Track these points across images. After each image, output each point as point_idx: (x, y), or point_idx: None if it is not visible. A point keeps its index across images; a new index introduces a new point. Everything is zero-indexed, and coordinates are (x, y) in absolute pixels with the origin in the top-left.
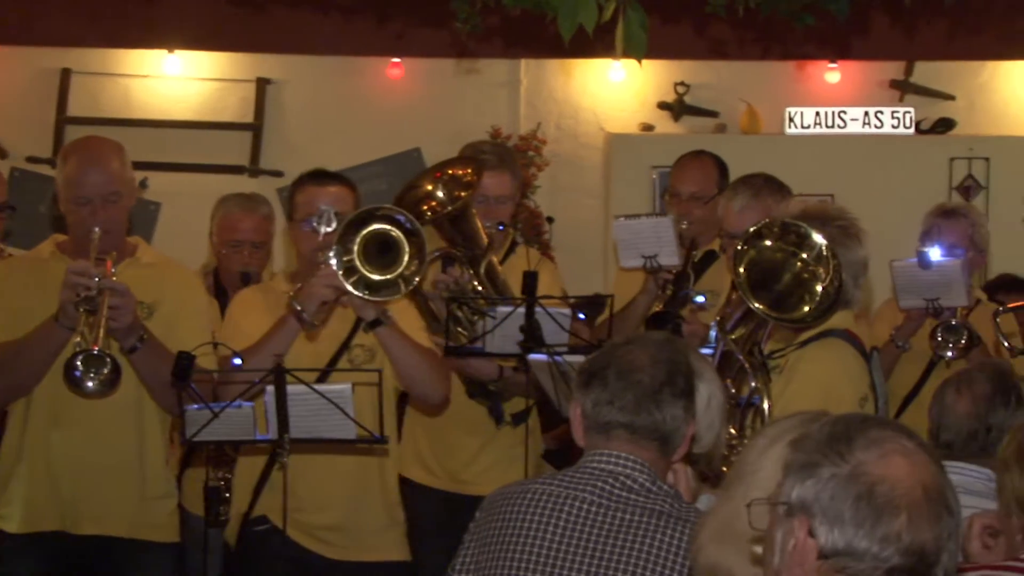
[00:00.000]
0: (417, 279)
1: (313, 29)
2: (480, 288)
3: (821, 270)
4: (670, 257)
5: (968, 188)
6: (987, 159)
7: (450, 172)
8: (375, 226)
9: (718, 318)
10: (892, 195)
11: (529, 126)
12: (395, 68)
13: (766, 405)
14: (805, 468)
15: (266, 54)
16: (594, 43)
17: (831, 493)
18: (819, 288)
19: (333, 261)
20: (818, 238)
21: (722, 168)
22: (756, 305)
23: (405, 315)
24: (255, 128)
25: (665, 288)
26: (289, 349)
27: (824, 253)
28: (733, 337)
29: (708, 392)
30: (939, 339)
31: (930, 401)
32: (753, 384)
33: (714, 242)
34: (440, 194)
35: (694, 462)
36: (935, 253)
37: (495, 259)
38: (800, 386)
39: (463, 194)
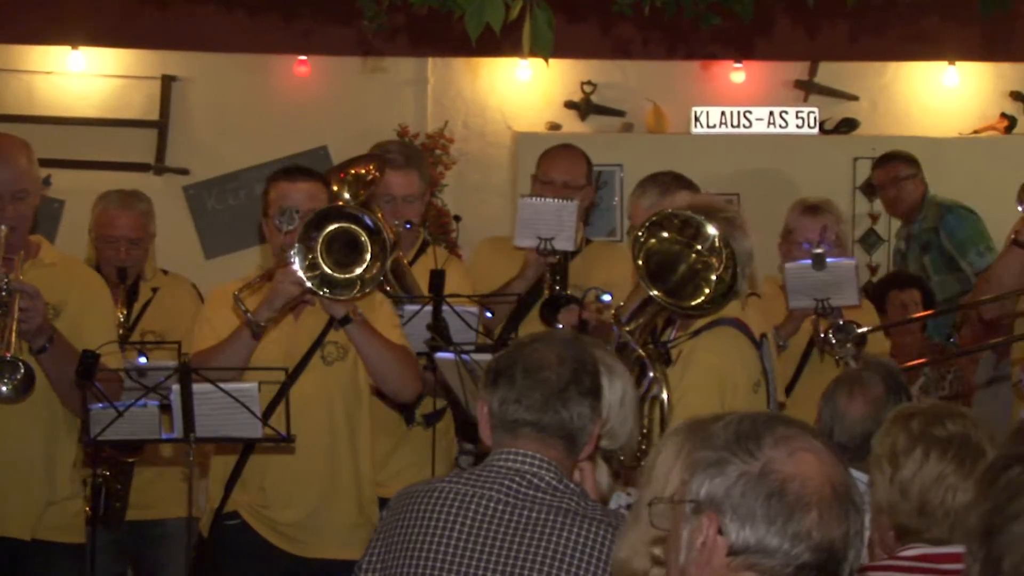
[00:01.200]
0: (377, 281)
1: (219, 26)
2: (387, 288)
3: (715, 260)
4: (566, 242)
5: (871, 188)
6: None
7: (353, 171)
8: (337, 224)
9: (613, 311)
10: (796, 194)
11: (436, 125)
12: (302, 66)
13: (664, 395)
14: (714, 465)
15: (172, 51)
16: (501, 42)
17: (742, 490)
18: (713, 278)
19: (296, 260)
20: (712, 230)
21: (589, 162)
22: (654, 292)
23: (378, 311)
24: (160, 125)
25: (553, 271)
26: (250, 353)
27: (717, 244)
28: (629, 329)
29: (622, 388)
30: (833, 341)
31: (819, 401)
32: (651, 375)
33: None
34: (345, 194)
35: (608, 459)
36: (822, 252)
37: (403, 258)
38: (696, 375)
39: (364, 193)
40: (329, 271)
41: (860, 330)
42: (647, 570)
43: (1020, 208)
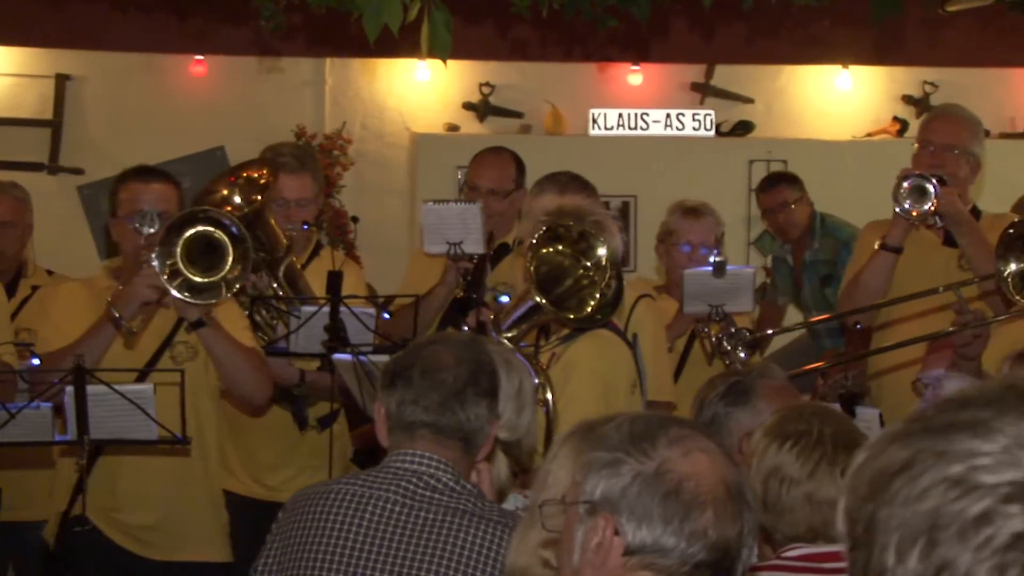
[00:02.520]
0: (240, 282)
1: (113, 25)
2: (280, 292)
3: (598, 278)
4: (475, 245)
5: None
6: (785, 161)
7: (245, 175)
8: (199, 228)
9: (492, 316)
10: (693, 196)
11: (334, 125)
12: (198, 65)
13: (550, 397)
14: (609, 466)
15: (66, 49)
16: (399, 43)
17: (638, 490)
18: (596, 295)
19: (155, 263)
20: (602, 250)
21: (520, 165)
22: (542, 300)
23: (228, 314)
24: (54, 125)
25: (466, 276)
26: (104, 355)
27: (604, 263)
28: (509, 336)
29: (519, 379)
30: (727, 346)
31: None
32: (536, 380)
33: (508, 236)
34: (236, 198)
35: (508, 452)
36: (718, 259)
37: (295, 261)
38: (581, 378)
39: (258, 197)
40: (190, 275)
41: (751, 336)
42: (526, 566)
43: (896, 209)
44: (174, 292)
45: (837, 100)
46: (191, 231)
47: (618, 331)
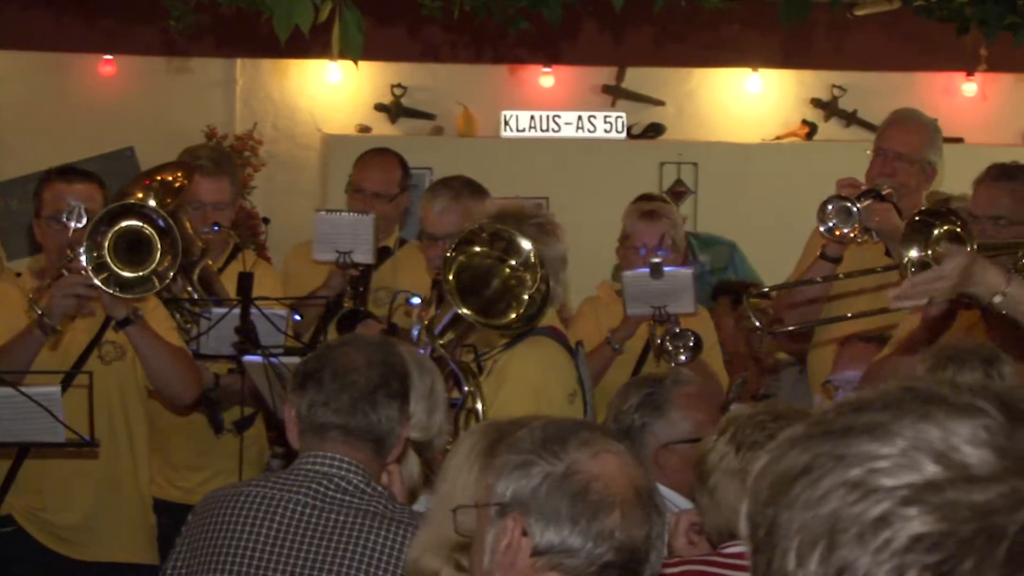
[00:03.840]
0: (171, 275)
1: (21, 24)
2: (195, 296)
3: (528, 276)
4: (365, 255)
5: (678, 192)
6: (695, 164)
7: (159, 178)
8: (126, 222)
9: (425, 322)
10: (605, 198)
11: (245, 126)
12: (107, 65)
13: (479, 406)
14: (520, 467)
15: None
16: (310, 44)
17: (547, 491)
18: (526, 296)
19: (83, 258)
20: (526, 245)
21: (405, 168)
22: (465, 311)
23: (155, 313)
24: None
25: (353, 284)
26: (34, 359)
27: (532, 260)
28: (443, 342)
29: (431, 380)
30: (669, 347)
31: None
32: (466, 388)
33: (390, 239)
34: (151, 201)
35: (419, 452)
36: (661, 261)
37: (211, 266)
38: (512, 387)
39: (172, 201)
40: (118, 270)
41: (695, 338)
42: (438, 570)
43: (821, 228)
44: (103, 287)
45: (747, 103)
46: (118, 226)
47: (559, 337)
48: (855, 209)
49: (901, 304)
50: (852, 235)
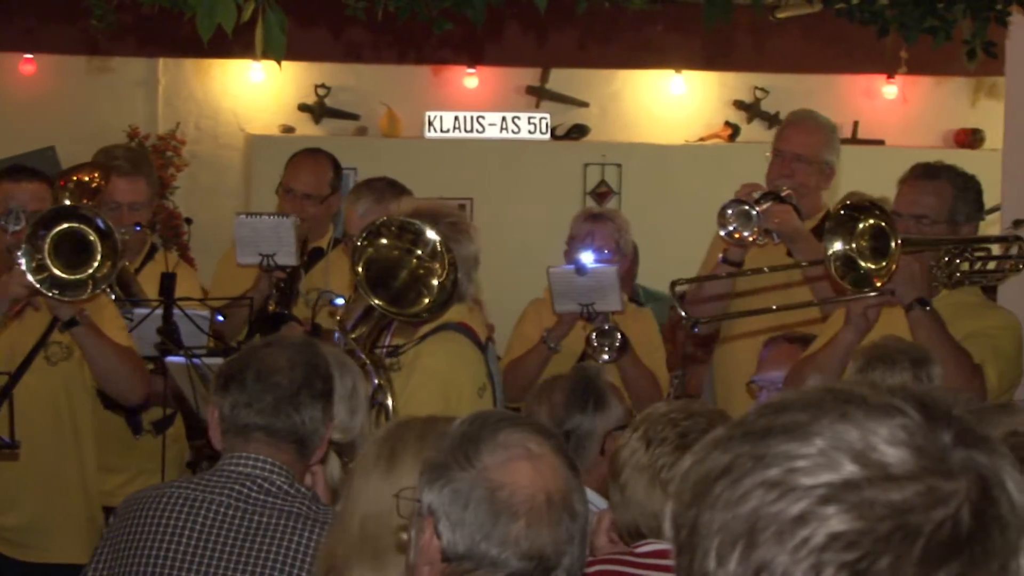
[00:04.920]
0: (109, 280)
1: None
2: (112, 297)
3: (436, 266)
4: (288, 257)
5: (602, 194)
6: (619, 165)
7: (76, 178)
8: (66, 224)
9: (338, 317)
10: (529, 199)
11: (168, 126)
12: (28, 64)
13: (390, 402)
14: (434, 470)
15: None
16: (233, 44)
17: (452, 497)
18: (435, 283)
19: (22, 260)
20: (432, 235)
21: (337, 168)
22: (375, 301)
23: (103, 313)
24: None
25: (278, 286)
26: None
27: (439, 249)
28: (354, 336)
29: (352, 381)
30: (595, 344)
31: None
32: (376, 382)
33: (323, 240)
34: (67, 202)
35: (340, 453)
36: (588, 258)
37: (128, 268)
38: (421, 381)
39: (89, 201)
40: (58, 272)
41: (622, 337)
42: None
43: (721, 232)
44: (41, 289)
45: (670, 105)
46: (58, 228)
47: (469, 333)
48: (754, 212)
49: None
50: (752, 238)
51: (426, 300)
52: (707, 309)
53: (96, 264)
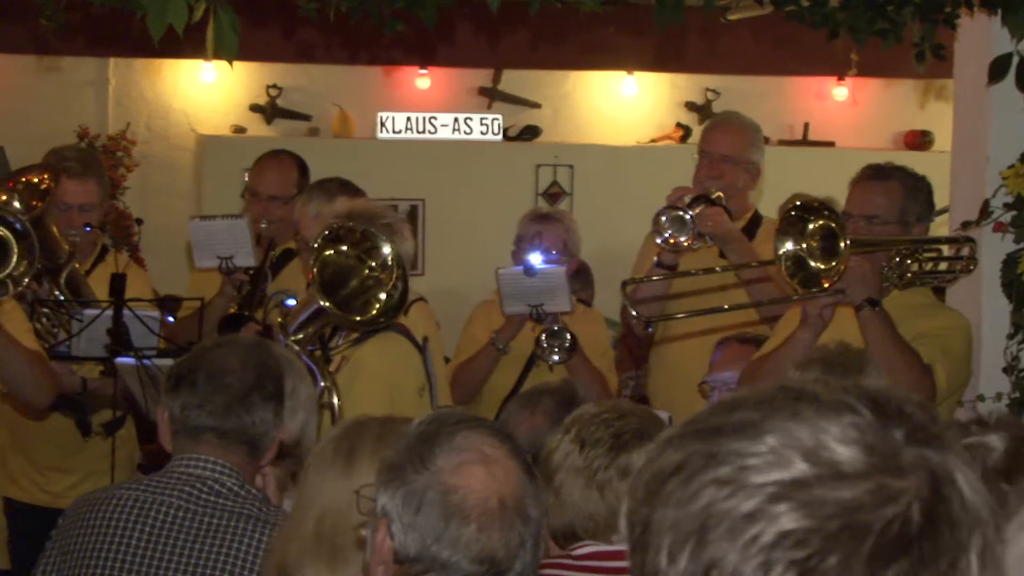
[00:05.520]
0: (27, 280)
1: None
2: (62, 299)
3: (385, 277)
4: (246, 258)
5: (554, 195)
6: (571, 166)
7: (24, 180)
8: None
9: (280, 319)
10: (481, 200)
11: (118, 126)
12: None
13: (336, 401)
14: (388, 471)
15: None
16: (184, 43)
17: (405, 499)
18: (383, 295)
19: None
20: (387, 249)
21: (302, 169)
22: (326, 303)
23: (11, 316)
24: None
25: (241, 289)
26: None
27: (390, 262)
28: (297, 339)
29: (293, 381)
30: (544, 345)
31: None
32: (322, 384)
33: (291, 241)
34: (16, 204)
35: (286, 457)
36: (536, 259)
37: (78, 267)
38: (367, 381)
39: (39, 203)
40: None
41: (571, 337)
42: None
43: (658, 240)
44: None
45: (622, 106)
46: None
47: (406, 333)
48: (688, 217)
49: None
50: (687, 243)
51: (375, 309)
52: (647, 310)
53: (12, 264)
